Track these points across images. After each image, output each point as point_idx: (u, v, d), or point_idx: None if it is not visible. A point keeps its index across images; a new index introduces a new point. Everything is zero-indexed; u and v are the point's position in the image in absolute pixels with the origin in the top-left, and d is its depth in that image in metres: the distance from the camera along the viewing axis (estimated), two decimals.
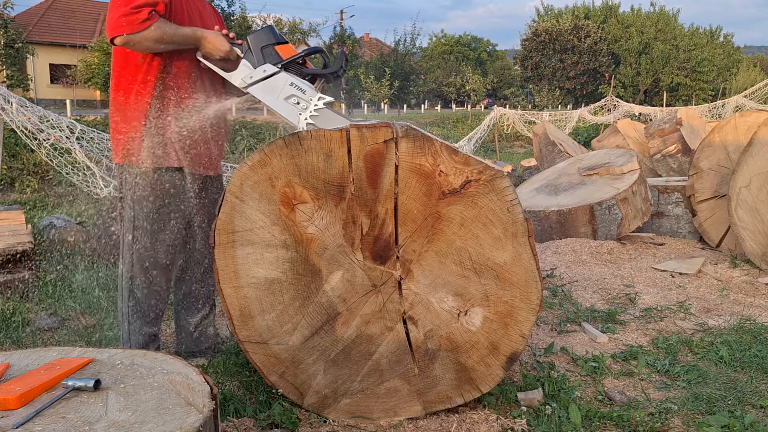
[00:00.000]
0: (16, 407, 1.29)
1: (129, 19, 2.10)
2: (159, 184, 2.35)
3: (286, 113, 2.20)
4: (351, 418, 2.07)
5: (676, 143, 7.01)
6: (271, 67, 2.20)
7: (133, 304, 2.44)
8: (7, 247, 3.68)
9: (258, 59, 2.22)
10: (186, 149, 2.35)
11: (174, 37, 2.19)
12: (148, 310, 2.46)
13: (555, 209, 4.88)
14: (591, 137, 14.08)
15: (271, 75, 2.20)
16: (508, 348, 1.99)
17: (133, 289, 2.43)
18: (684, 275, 4.03)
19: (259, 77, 2.21)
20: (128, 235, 2.40)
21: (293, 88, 2.19)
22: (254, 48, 2.22)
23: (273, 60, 2.21)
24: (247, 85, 2.23)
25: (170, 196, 2.38)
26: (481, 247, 1.93)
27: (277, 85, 2.20)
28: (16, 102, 7.19)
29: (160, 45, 2.18)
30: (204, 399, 1.34)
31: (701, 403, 2.24)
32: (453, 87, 39.37)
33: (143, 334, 2.46)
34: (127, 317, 2.46)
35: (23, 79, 21.46)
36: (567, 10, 44.04)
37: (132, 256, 2.40)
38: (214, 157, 2.50)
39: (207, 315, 2.68)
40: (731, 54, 43.86)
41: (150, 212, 2.37)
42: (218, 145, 2.52)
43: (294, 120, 2.18)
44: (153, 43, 2.16)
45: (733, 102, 22.31)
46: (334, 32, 30.02)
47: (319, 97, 2.18)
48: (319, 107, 2.16)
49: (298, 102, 2.18)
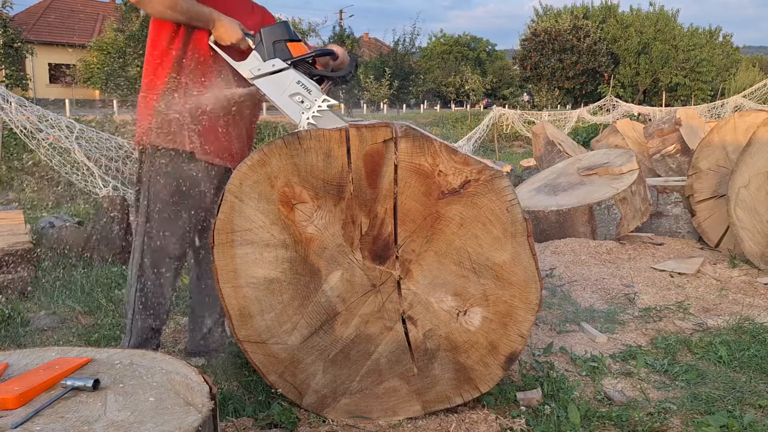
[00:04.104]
0: (15, 407, 1.29)
1: None
2: (173, 169, 2.33)
3: (289, 110, 2.18)
4: (350, 417, 2.07)
5: (675, 143, 7.01)
6: (280, 62, 2.19)
7: (141, 294, 2.41)
8: (6, 246, 3.68)
9: (269, 53, 2.20)
10: (201, 135, 2.32)
11: (188, 11, 2.18)
12: (154, 303, 2.43)
13: (554, 209, 4.88)
14: (590, 137, 14.08)
15: (279, 70, 2.19)
16: (507, 348, 1.99)
17: (141, 278, 2.41)
18: (683, 275, 4.04)
19: (267, 71, 2.20)
20: (141, 219, 2.38)
21: (299, 86, 2.18)
22: (266, 41, 2.21)
23: (283, 56, 2.20)
24: (254, 76, 2.22)
25: (185, 184, 2.35)
26: (480, 247, 1.93)
27: (284, 82, 2.19)
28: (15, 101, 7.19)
29: (173, 14, 2.17)
30: (203, 399, 1.34)
31: (700, 402, 2.24)
32: (452, 87, 39.37)
33: (146, 327, 2.43)
34: (133, 307, 2.43)
35: (22, 78, 21.45)
36: (566, 10, 44.04)
37: (143, 243, 2.39)
38: (235, 150, 2.46)
39: (221, 316, 2.67)
40: (730, 54, 43.86)
41: (163, 198, 2.35)
42: (240, 138, 2.47)
43: (296, 118, 2.17)
44: (165, 8, 2.15)
45: (732, 102, 22.32)
46: (334, 32, 30.01)
47: (324, 99, 2.16)
48: (322, 109, 2.15)
49: (303, 101, 2.17)
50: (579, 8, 44.33)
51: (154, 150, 2.33)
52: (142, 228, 2.39)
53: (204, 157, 2.36)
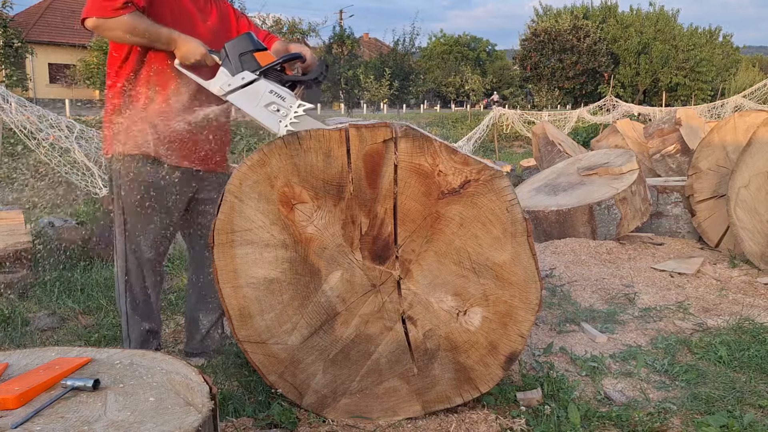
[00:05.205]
0: (15, 407, 1.29)
1: (104, 4, 2.10)
2: (141, 175, 2.34)
3: (266, 121, 2.16)
4: (350, 417, 2.07)
5: (675, 143, 7.02)
6: (249, 74, 2.16)
7: (130, 299, 2.45)
8: (6, 246, 3.68)
9: (236, 66, 2.17)
10: (164, 140, 2.32)
11: (146, 33, 2.17)
12: (144, 306, 2.46)
13: (554, 209, 4.88)
14: (590, 137, 14.08)
15: (250, 82, 2.16)
16: (507, 348, 1.99)
17: (127, 284, 2.43)
18: (683, 275, 4.04)
19: (237, 85, 2.16)
20: (119, 228, 2.41)
21: (273, 95, 2.15)
22: (232, 55, 2.18)
23: (251, 67, 2.16)
24: (226, 93, 2.19)
25: (154, 189, 2.36)
26: (480, 247, 1.93)
27: (257, 93, 2.16)
28: (15, 101, 7.19)
29: (132, 37, 2.17)
30: (203, 399, 1.34)
31: (700, 403, 2.24)
32: (452, 87, 39.35)
33: (142, 330, 2.46)
34: (125, 314, 2.47)
35: (22, 78, 21.46)
36: (566, 10, 44.02)
37: (123, 250, 2.41)
38: (206, 153, 2.46)
39: (219, 317, 2.68)
40: (730, 54, 43.84)
41: (136, 204, 2.36)
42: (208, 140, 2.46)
43: (274, 128, 2.14)
44: (123, 33, 2.15)
45: (732, 102, 22.30)
46: (334, 32, 29.99)
47: (299, 104, 2.14)
48: (299, 114, 2.13)
49: (278, 109, 2.15)
50: (579, 8, 44.30)
51: (121, 157, 2.34)
52: (121, 236, 2.41)
53: (170, 161, 2.36)
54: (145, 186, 2.35)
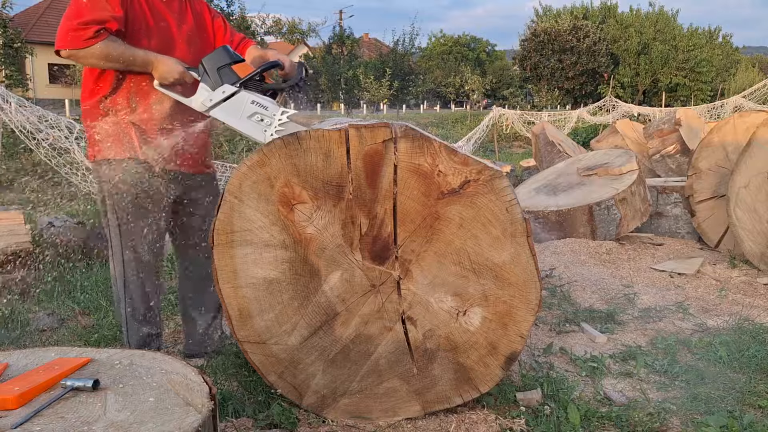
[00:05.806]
0: (14, 407, 1.29)
1: (75, 35, 2.10)
2: (127, 178, 2.33)
3: (251, 132, 2.16)
4: (350, 418, 2.07)
5: (674, 144, 7.02)
6: (229, 87, 2.15)
7: (128, 304, 2.44)
8: (6, 247, 3.67)
9: (215, 81, 2.16)
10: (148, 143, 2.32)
11: (121, 58, 2.17)
12: (143, 310, 2.46)
13: (554, 209, 4.88)
14: (590, 137, 14.09)
15: (231, 95, 2.15)
16: (507, 348, 1.99)
17: (126, 290, 2.43)
18: (683, 275, 4.04)
19: (218, 99, 2.16)
20: (113, 232, 2.40)
21: (255, 105, 2.14)
22: (210, 70, 2.17)
23: (231, 80, 2.16)
24: (208, 108, 2.18)
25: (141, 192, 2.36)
26: (479, 247, 1.93)
27: (239, 105, 2.15)
28: (15, 102, 7.19)
29: (107, 63, 2.18)
30: (203, 399, 1.34)
31: (700, 403, 2.24)
32: (452, 87, 39.34)
33: (141, 334, 2.47)
34: (125, 319, 2.46)
35: (22, 78, 21.45)
36: (566, 11, 43.99)
37: (120, 255, 2.41)
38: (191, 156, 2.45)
39: (215, 317, 2.68)
40: (730, 54, 43.84)
41: (125, 208, 2.35)
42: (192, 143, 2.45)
43: (260, 138, 2.14)
44: (98, 60, 2.16)
45: (731, 102, 22.31)
46: (333, 32, 30.01)
47: (282, 111, 2.13)
48: (283, 121, 2.12)
49: (262, 119, 2.14)
50: (579, 8, 44.28)
51: (106, 163, 2.34)
52: (116, 240, 2.40)
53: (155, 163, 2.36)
54: (134, 190, 2.35)
